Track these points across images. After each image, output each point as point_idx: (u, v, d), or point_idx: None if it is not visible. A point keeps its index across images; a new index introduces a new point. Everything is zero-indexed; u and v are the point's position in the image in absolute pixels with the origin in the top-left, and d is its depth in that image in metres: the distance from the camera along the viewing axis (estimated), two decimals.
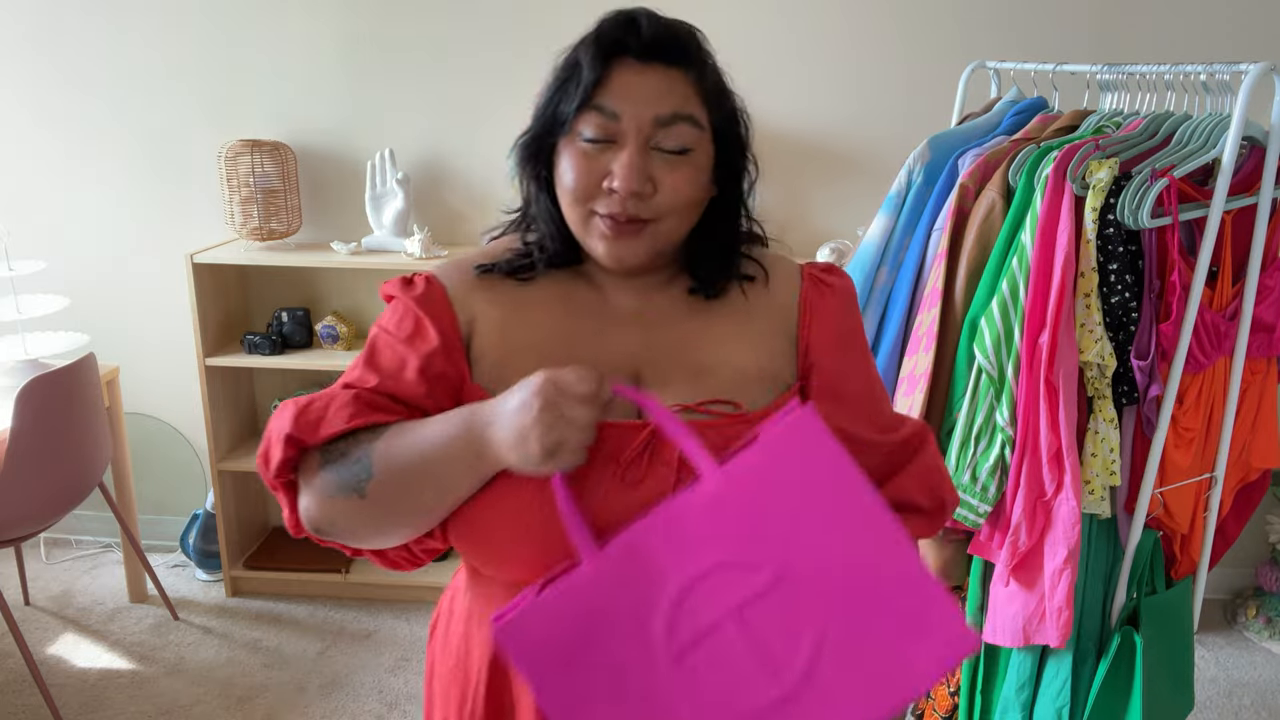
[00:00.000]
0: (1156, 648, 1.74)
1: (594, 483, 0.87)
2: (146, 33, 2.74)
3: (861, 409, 0.99)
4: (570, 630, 0.83)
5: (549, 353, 0.92)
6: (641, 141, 0.90)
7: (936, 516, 1.01)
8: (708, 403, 0.91)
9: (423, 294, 0.96)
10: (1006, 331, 1.60)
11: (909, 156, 1.82)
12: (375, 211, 2.73)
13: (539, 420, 0.80)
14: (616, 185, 0.89)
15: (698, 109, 0.93)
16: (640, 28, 0.92)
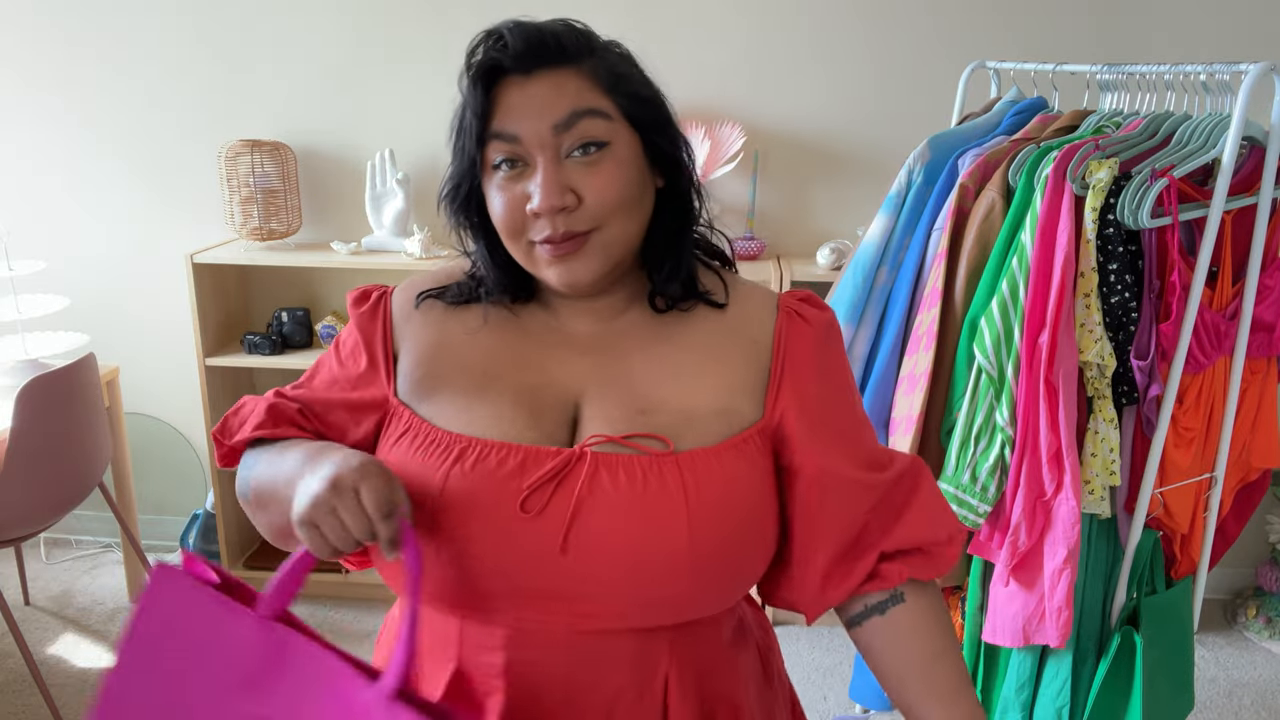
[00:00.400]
0: (1156, 648, 1.74)
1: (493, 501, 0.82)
2: (146, 33, 2.74)
3: (847, 448, 0.91)
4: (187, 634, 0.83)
5: (481, 376, 0.90)
6: (550, 154, 0.83)
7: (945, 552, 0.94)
8: (636, 436, 0.85)
9: (366, 312, 0.96)
10: (1006, 331, 1.60)
11: (909, 156, 1.82)
12: (375, 211, 2.73)
13: (316, 499, 0.76)
14: (536, 207, 0.83)
15: (599, 99, 0.85)
16: (507, 43, 0.86)
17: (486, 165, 0.87)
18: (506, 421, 0.86)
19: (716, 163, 2.57)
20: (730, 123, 2.58)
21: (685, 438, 0.85)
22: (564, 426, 0.88)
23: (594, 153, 0.84)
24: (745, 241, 2.63)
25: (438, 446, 0.85)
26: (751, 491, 0.87)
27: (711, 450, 0.85)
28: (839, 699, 2.47)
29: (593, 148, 0.84)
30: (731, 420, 0.88)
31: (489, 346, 0.92)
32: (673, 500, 0.82)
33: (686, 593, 0.83)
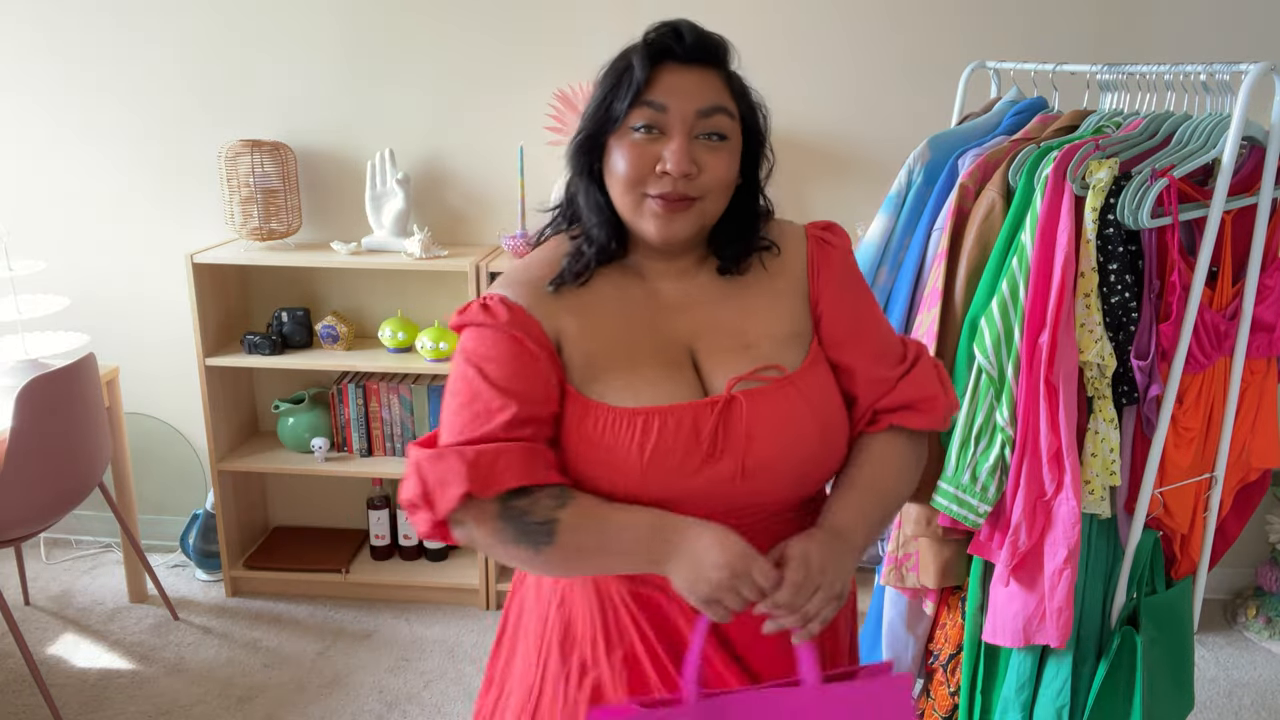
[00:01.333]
0: (1156, 648, 1.74)
1: (684, 455, 1.03)
2: (147, 33, 2.74)
3: (871, 348, 1.14)
4: None
5: (624, 348, 1.08)
6: (687, 130, 1.04)
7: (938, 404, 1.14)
8: (759, 369, 1.07)
9: (510, 319, 1.06)
10: (1006, 331, 1.60)
11: (909, 156, 1.82)
12: (375, 211, 2.73)
13: (719, 584, 0.96)
14: (669, 168, 1.03)
15: (730, 102, 1.08)
16: (683, 35, 1.07)
17: (625, 125, 1.06)
18: (660, 387, 1.06)
19: None
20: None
21: (786, 360, 1.09)
22: (695, 376, 1.09)
23: (717, 141, 1.07)
24: None
25: (622, 423, 1.04)
26: (834, 388, 1.12)
27: (807, 365, 1.10)
28: None
29: (717, 137, 1.07)
30: (804, 339, 1.12)
31: (617, 322, 1.10)
32: (802, 411, 1.07)
33: (817, 474, 1.11)
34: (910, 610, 2.00)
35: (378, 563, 2.92)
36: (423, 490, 1.02)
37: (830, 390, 1.11)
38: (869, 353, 1.13)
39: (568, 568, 1.08)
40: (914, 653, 2.02)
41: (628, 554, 1.02)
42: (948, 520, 1.73)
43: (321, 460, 2.80)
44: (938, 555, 1.83)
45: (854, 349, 1.13)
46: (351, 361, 2.70)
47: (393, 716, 2.38)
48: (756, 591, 0.97)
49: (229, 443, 2.86)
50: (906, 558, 1.85)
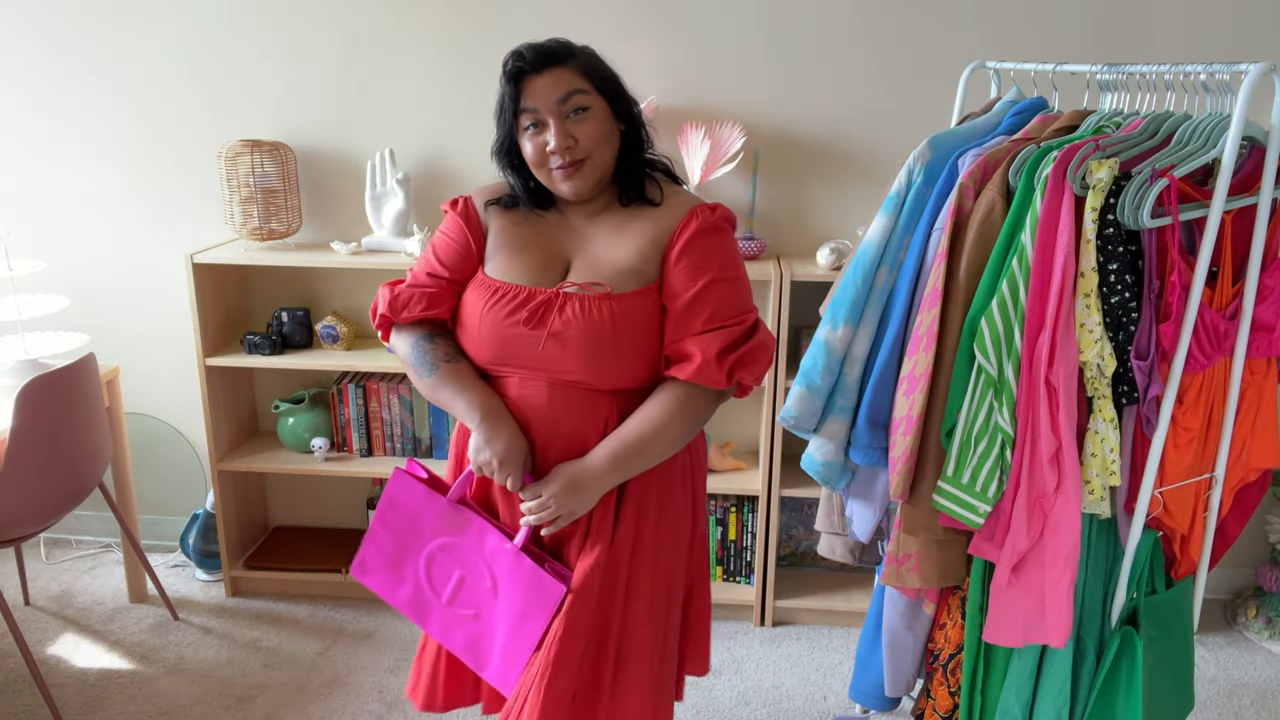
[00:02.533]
0: (1156, 648, 1.74)
1: (511, 318, 1.50)
2: (147, 33, 2.74)
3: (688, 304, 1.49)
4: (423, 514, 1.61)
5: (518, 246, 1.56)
6: (556, 117, 1.47)
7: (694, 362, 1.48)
8: (589, 283, 1.50)
9: (462, 210, 1.62)
10: (1006, 331, 1.60)
11: (909, 156, 1.82)
12: (375, 211, 2.73)
13: (484, 464, 1.53)
14: (551, 148, 1.47)
15: (581, 83, 1.48)
16: (524, 55, 1.47)
17: (520, 128, 1.50)
18: (523, 274, 1.54)
19: (716, 163, 2.57)
20: (730, 123, 2.59)
21: (617, 285, 1.50)
22: (558, 277, 1.53)
23: (581, 114, 1.48)
24: (745, 241, 2.63)
25: (486, 286, 1.55)
26: (644, 318, 1.51)
27: (631, 295, 1.50)
28: (839, 699, 2.47)
29: (580, 110, 1.48)
30: (642, 278, 1.52)
31: (525, 231, 1.58)
32: (603, 319, 1.48)
33: (611, 373, 1.51)
34: (910, 610, 2.00)
35: None
36: (373, 307, 1.61)
37: (643, 320, 1.50)
38: (684, 306, 1.50)
39: (430, 395, 1.57)
40: (914, 653, 2.02)
41: (457, 405, 1.53)
42: (948, 520, 1.73)
43: (321, 460, 2.80)
44: (938, 555, 1.83)
45: (677, 300, 1.50)
46: (351, 361, 2.70)
47: (393, 716, 2.38)
48: (504, 483, 1.51)
49: (229, 443, 2.86)
50: (906, 558, 1.85)
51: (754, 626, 2.80)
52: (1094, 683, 1.74)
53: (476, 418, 1.51)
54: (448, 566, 1.61)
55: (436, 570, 1.61)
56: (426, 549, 1.61)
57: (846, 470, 1.94)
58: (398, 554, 1.63)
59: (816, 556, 2.94)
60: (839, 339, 1.84)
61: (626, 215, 1.55)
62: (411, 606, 1.65)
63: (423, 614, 1.65)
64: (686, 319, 1.49)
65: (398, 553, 1.63)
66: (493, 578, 1.58)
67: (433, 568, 1.61)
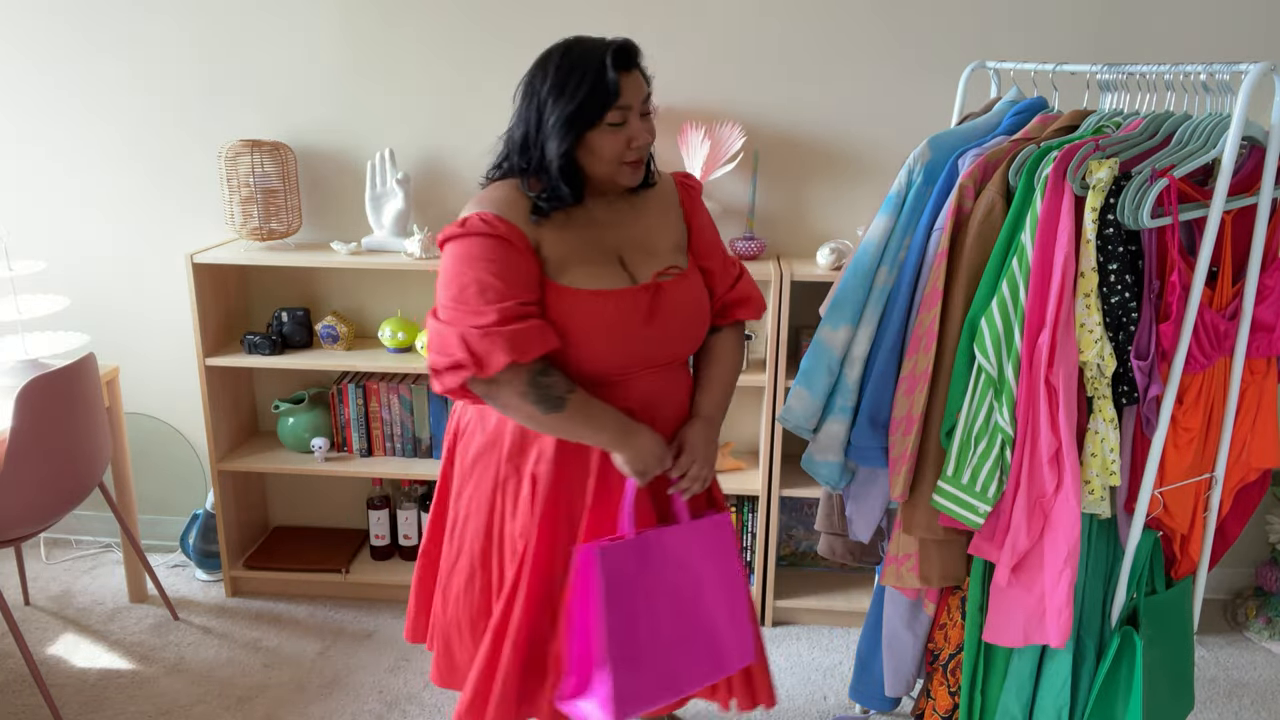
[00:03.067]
0: (1156, 648, 1.74)
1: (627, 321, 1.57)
2: (147, 33, 2.74)
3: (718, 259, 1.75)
4: (633, 569, 1.59)
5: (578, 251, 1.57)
6: (637, 113, 1.55)
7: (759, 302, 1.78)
8: (669, 268, 1.63)
9: (506, 229, 1.51)
10: (1006, 331, 1.60)
11: (909, 156, 1.82)
12: (375, 211, 2.73)
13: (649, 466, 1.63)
14: (637, 146, 1.56)
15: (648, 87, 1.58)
16: (631, 51, 1.54)
17: (604, 120, 1.51)
18: (608, 277, 1.58)
19: (716, 163, 2.56)
20: (730, 123, 2.58)
21: (680, 262, 1.67)
22: (624, 270, 1.60)
23: (650, 116, 1.59)
24: (745, 241, 2.63)
25: (588, 301, 1.55)
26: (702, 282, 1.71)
27: (691, 266, 1.69)
28: (839, 699, 2.47)
29: (649, 113, 1.58)
30: (684, 248, 1.70)
31: (575, 235, 1.59)
32: (696, 295, 1.67)
33: (698, 342, 1.72)
34: (910, 610, 2.00)
35: (378, 563, 2.92)
36: (472, 357, 1.46)
37: (702, 284, 1.70)
38: (718, 262, 1.74)
39: (557, 430, 1.58)
40: (914, 653, 2.02)
41: (599, 435, 1.59)
42: (948, 520, 1.73)
43: (321, 460, 2.80)
44: (938, 555, 1.83)
45: (709, 258, 1.72)
46: (351, 361, 2.70)
47: (393, 716, 2.38)
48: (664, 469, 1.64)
49: (229, 443, 2.86)
50: (906, 558, 1.85)
51: None
52: (1094, 683, 1.75)
53: (623, 438, 1.59)
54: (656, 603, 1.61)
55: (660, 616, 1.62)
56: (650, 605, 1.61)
57: (846, 470, 1.94)
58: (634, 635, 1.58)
59: (816, 556, 2.94)
60: (839, 339, 1.84)
61: (633, 198, 1.67)
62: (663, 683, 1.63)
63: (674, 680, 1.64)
64: (725, 270, 1.75)
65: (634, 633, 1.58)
66: (690, 570, 1.65)
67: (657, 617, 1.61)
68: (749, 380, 2.59)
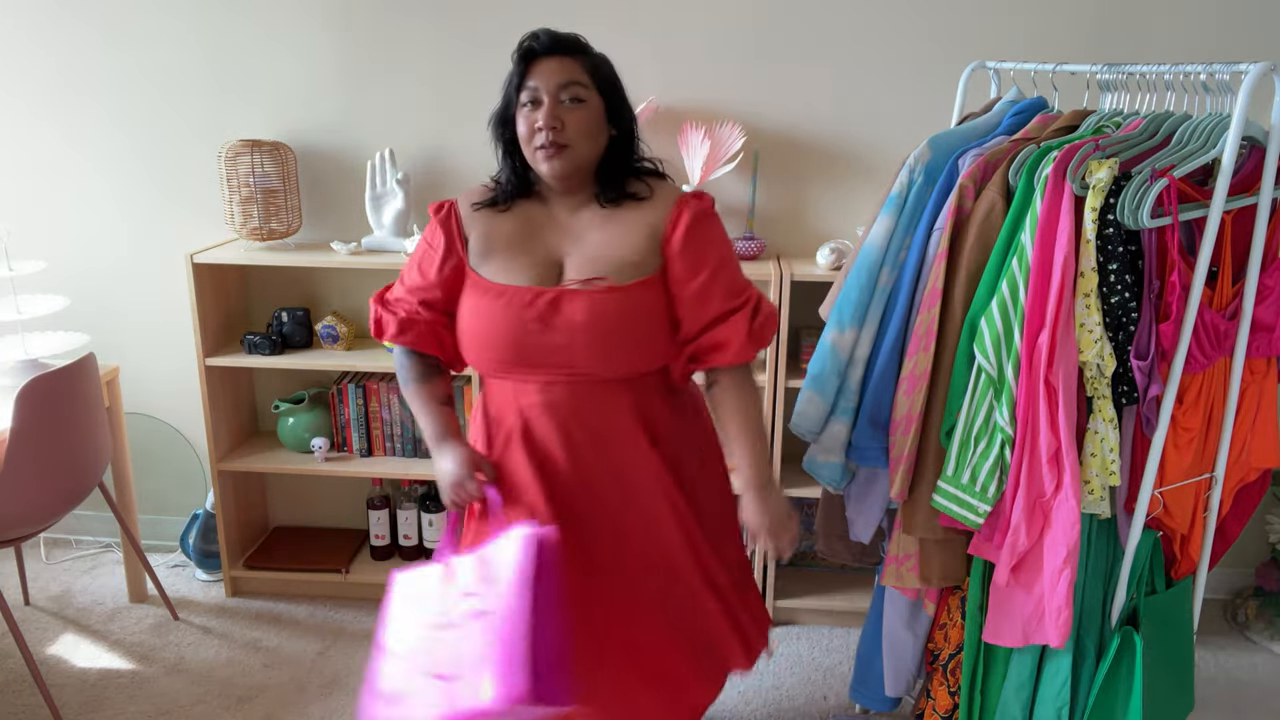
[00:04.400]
0: (1156, 648, 1.74)
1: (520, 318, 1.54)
2: (146, 33, 2.74)
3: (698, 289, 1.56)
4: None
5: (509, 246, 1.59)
6: (553, 98, 1.52)
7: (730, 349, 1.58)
8: (591, 278, 1.53)
9: (445, 216, 1.65)
10: (1006, 331, 1.60)
11: (909, 156, 1.82)
12: (375, 211, 2.73)
13: (444, 490, 1.62)
14: (540, 124, 1.52)
15: (583, 77, 1.54)
16: (540, 36, 1.55)
17: (518, 104, 1.55)
18: (524, 275, 1.56)
19: (716, 163, 2.56)
20: (730, 123, 2.58)
21: (619, 278, 1.54)
22: (555, 274, 1.57)
23: (575, 104, 1.53)
24: (745, 241, 2.63)
25: (489, 291, 1.57)
26: (649, 307, 1.56)
27: (636, 285, 1.55)
28: (839, 699, 2.47)
29: (574, 101, 1.53)
30: (642, 269, 1.56)
31: (514, 230, 1.61)
32: (614, 312, 1.53)
33: (628, 364, 1.57)
34: (910, 610, 2.00)
35: (378, 563, 2.92)
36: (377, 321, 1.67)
37: (650, 308, 1.55)
38: (696, 294, 1.56)
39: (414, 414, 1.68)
40: (914, 653, 2.02)
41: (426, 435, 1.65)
42: (948, 520, 1.73)
43: (321, 460, 2.80)
44: (938, 555, 1.83)
45: (687, 288, 1.56)
46: (351, 361, 2.70)
47: None
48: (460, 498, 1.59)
49: (229, 443, 2.86)
50: (906, 558, 1.85)
51: None
52: (1094, 683, 1.75)
53: (434, 449, 1.62)
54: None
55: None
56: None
57: (847, 471, 1.94)
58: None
59: (816, 556, 2.94)
60: (846, 341, 1.84)
61: (618, 209, 1.59)
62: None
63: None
64: (701, 306, 1.57)
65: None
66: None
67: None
68: None
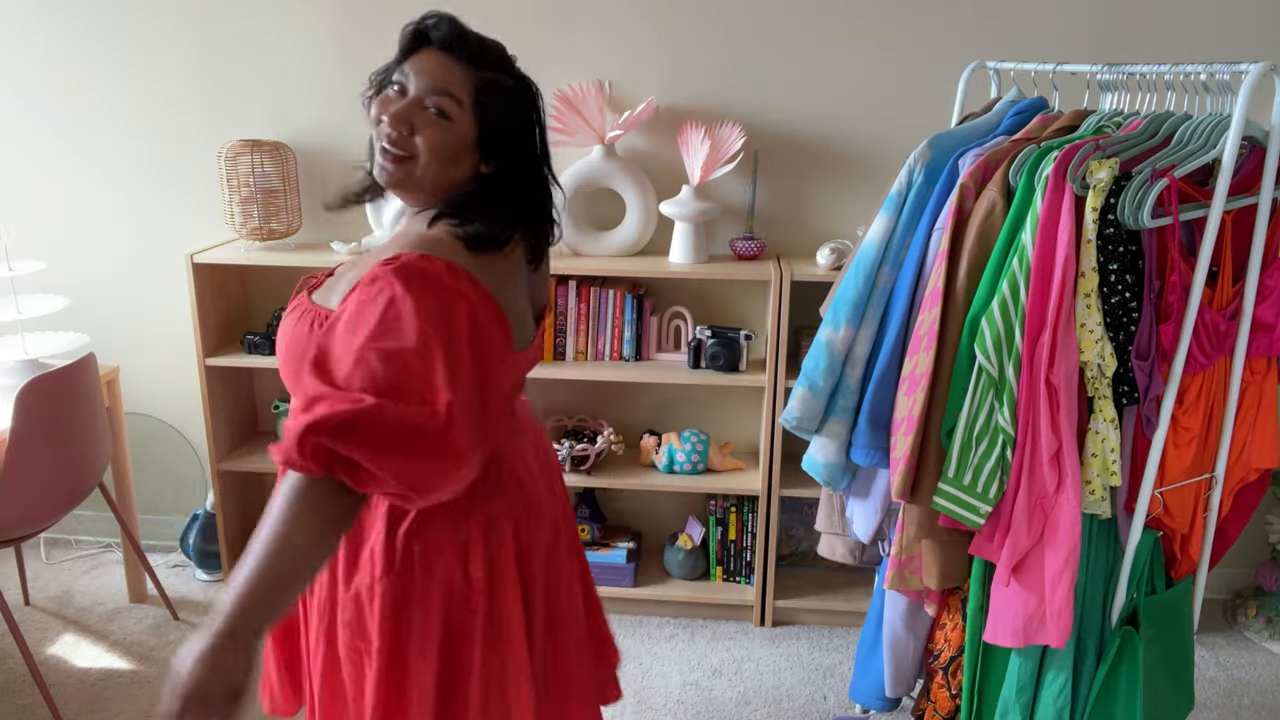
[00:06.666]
0: (1156, 648, 1.74)
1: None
2: (146, 33, 2.74)
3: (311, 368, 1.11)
4: None
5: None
6: (417, 98, 1.24)
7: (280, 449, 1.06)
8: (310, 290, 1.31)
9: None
10: (1007, 331, 1.60)
11: (909, 156, 1.82)
12: (375, 211, 2.73)
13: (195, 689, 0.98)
14: (385, 119, 1.24)
15: (463, 94, 1.24)
16: (441, 25, 1.28)
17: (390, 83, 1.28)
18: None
19: (716, 163, 2.57)
20: (730, 123, 2.58)
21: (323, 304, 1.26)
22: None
23: (437, 116, 1.24)
24: (745, 241, 2.63)
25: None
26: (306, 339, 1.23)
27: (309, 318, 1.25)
28: (839, 699, 2.47)
29: (438, 112, 1.24)
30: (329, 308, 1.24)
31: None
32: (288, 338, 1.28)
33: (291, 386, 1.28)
34: (910, 610, 2.00)
35: None
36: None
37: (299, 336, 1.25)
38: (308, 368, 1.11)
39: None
40: (914, 653, 2.02)
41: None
42: (948, 521, 1.73)
43: None
44: (939, 556, 1.83)
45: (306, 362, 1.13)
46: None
47: None
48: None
49: (229, 443, 2.85)
50: (910, 560, 1.85)
51: (754, 626, 2.80)
52: (1094, 683, 1.74)
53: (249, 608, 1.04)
54: None
55: None
56: None
57: (847, 471, 1.94)
58: None
59: (816, 556, 2.94)
60: (841, 339, 1.84)
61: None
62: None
63: None
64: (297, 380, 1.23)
65: None
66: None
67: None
68: (749, 380, 2.59)
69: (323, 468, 1.04)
